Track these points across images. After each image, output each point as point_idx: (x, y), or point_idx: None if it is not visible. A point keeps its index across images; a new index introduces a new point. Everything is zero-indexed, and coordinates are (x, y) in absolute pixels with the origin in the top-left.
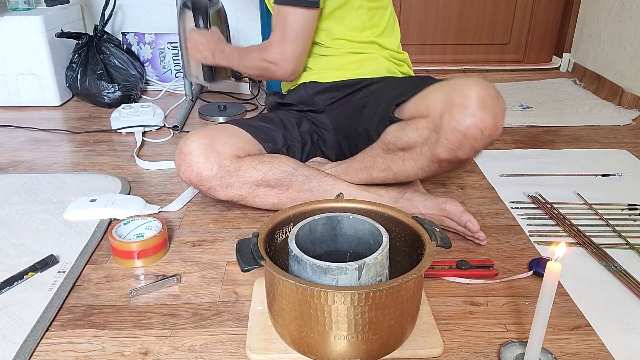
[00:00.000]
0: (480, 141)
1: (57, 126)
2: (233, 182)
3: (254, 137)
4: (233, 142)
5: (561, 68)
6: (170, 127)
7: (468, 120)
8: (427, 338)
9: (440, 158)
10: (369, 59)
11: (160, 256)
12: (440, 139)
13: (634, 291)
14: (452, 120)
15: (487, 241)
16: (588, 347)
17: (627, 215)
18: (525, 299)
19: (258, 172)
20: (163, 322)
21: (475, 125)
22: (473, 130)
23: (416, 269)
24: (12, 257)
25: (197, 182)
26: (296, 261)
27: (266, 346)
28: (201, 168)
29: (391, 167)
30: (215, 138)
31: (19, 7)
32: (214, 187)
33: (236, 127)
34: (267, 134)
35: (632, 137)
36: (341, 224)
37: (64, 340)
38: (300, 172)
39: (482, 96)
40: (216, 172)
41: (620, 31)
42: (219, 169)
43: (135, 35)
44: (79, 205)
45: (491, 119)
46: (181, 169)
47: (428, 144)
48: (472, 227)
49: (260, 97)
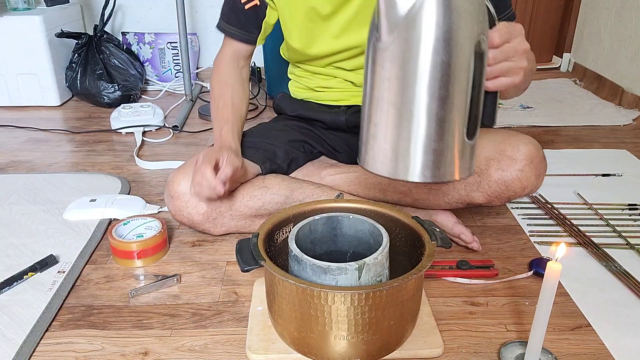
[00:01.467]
0: (518, 196)
1: (57, 126)
2: (226, 221)
3: (249, 159)
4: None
5: (561, 68)
6: (170, 127)
7: (515, 174)
8: (427, 338)
9: (475, 202)
10: None
11: (160, 256)
12: (482, 183)
13: (634, 291)
14: (499, 170)
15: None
16: (588, 347)
17: (627, 215)
18: (525, 299)
19: (250, 209)
20: (163, 322)
21: (520, 180)
22: (517, 184)
23: (416, 269)
24: (12, 257)
25: (189, 225)
26: (296, 261)
27: (266, 346)
28: (191, 212)
29: (413, 191)
30: None
31: (19, 7)
32: (208, 228)
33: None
34: (264, 151)
35: (632, 137)
36: (341, 224)
37: (63, 341)
38: (294, 198)
39: (533, 155)
40: (207, 216)
41: (621, 31)
42: (210, 212)
43: (135, 35)
44: (79, 205)
45: (535, 178)
46: (172, 212)
47: (465, 184)
48: (465, 238)
49: (260, 97)
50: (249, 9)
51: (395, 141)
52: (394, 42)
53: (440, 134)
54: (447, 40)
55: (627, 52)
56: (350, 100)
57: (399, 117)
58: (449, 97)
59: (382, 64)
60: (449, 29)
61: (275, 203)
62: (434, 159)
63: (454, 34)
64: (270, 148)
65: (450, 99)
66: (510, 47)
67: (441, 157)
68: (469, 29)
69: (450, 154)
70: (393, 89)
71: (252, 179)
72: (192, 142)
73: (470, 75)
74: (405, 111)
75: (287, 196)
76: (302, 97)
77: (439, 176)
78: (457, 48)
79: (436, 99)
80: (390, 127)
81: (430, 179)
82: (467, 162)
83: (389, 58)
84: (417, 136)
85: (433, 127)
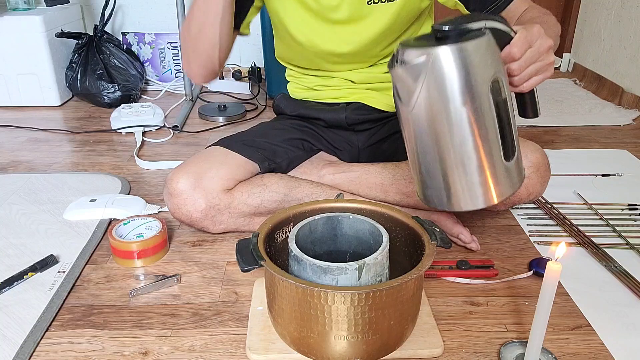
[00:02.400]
0: (522, 202)
1: (57, 126)
2: (225, 219)
3: (248, 158)
4: (221, 173)
5: (561, 68)
6: (170, 127)
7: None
8: (427, 338)
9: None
10: None
11: (160, 256)
12: None
13: (634, 291)
14: None
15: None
16: (588, 347)
17: (627, 215)
18: (525, 299)
19: (249, 207)
20: (163, 322)
21: (526, 187)
22: (523, 191)
23: (416, 269)
24: (12, 257)
25: (188, 223)
26: (296, 261)
27: (266, 346)
28: (190, 210)
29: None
30: (201, 174)
31: (19, 7)
32: (207, 226)
33: (226, 150)
34: (263, 150)
35: (632, 137)
36: (341, 224)
37: (64, 341)
38: (293, 196)
39: (539, 163)
40: (206, 213)
41: (621, 31)
42: (208, 210)
43: (135, 35)
44: (79, 205)
45: (540, 185)
46: (170, 209)
47: None
48: (464, 238)
49: (260, 97)
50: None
51: (445, 182)
52: (413, 108)
53: (481, 169)
54: (461, 96)
55: (627, 52)
56: (350, 98)
57: (442, 163)
58: (479, 137)
59: (411, 124)
60: (460, 88)
61: (273, 201)
62: (481, 188)
63: (465, 90)
64: (269, 147)
65: (479, 138)
66: (533, 51)
67: (487, 184)
68: (480, 78)
69: (495, 178)
70: (428, 142)
71: (251, 178)
72: (192, 142)
73: (493, 112)
74: (445, 158)
75: (286, 194)
76: (301, 97)
77: (491, 199)
78: (473, 98)
79: (467, 142)
80: (438, 172)
81: (484, 204)
82: (515, 176)
83: (414, 119)
84: (460, 175)
85: (473, 165)
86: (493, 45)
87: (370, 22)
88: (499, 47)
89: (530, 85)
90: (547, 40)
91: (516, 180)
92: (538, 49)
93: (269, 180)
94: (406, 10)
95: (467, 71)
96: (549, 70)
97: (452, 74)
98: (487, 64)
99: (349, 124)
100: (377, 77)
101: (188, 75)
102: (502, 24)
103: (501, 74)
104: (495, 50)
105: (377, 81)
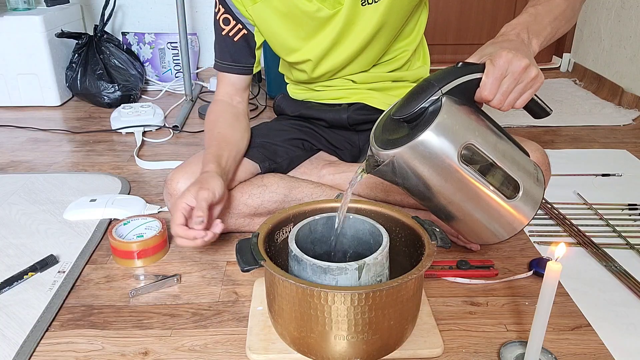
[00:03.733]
0: None
1: (57, 126)
2: (225, 219)
3: (248, 158)
4: None
5: (561, 68)
6: (170, 127)
7: None
8: (427, 338)
9: None
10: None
11: (160, 256)
12: None
13: (634, 291)
14: None
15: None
16: (588, 347)
17: (627, 215)
18: (525, 299)
19: (249, 208)
20: (163, 322)
21: None
22: None
23: (416, 269)
24: (12, 257)
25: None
26: (296, 261)
27: (266, 346)
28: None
29: None
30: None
31: (19, 7)
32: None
33: None
34: (264, 150)
35: (632, 137)
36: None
37: (64, 341)
38: (293, 196)
39: (540, 162)
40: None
41: (621, 31)
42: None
43: (135, 35)
44: (79, 205)
45: None
46: (170, 210)
47: None
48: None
49: (260, 97)
50: (238, 40)
51: (470, 226)
52: (406, 189)
53: (489, 216)
54: (433, 179)
55: (627, 52)
56: (351, 98)
57: (458, 217)
58: (471, 200)
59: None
60: (429, 174)
61: (274, 202)
62: (495, 227)
63: (433, 174)
64: (270, 147)
65: (472, 202)
66: (508, 80)
67: (499, 222)
68: (445, 158)
69: (505, 216)
70: (435, 207)
71: (251, 178)
72: (192, 142)
73: (474, 174)
74: (454, 218)
75: (286, 195)
76: (302, 98)
77: (510, 231)
78: (446, 176)
79: (466, 207)
80: (460, 222)
81: (506, 236)
82: (529, 206)
83: (411, 193)
84: (470, 228)
85: (479, 219)
86: (454, 114)
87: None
88: (472, 92)
89: (521, 104)
90: (521, 61)
91: (530, 208)
92: (512, 75)
93: (269, 180)
94: (397, 5)
95: (427, 161)
96: (536, 84)
97: (416, 167)
98: (448, 140)
99: (350, 124)
100: (379, 77)
101: None
102: (462, 74)
103: (471, 135)
104: (457, 117)
105: (378, 81)
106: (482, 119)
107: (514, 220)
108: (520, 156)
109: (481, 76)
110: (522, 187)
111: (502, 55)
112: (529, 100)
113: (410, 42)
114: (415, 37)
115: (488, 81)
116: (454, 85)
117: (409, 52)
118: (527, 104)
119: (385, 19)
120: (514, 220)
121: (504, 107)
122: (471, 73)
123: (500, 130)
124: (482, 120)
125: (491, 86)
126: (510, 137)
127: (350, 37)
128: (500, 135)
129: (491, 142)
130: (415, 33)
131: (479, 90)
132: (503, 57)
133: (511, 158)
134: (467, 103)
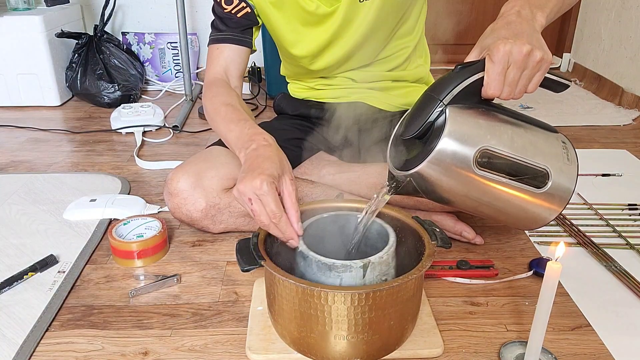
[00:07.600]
0: None
1: (57, 126)
2: (225, 218)
3: None
4: (222, 173)
5: (561, 68)
6: (170, 127)
7: None
8: (427, 338)
9: None
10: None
11: (160, 256)
12: None
13: (634, 291)
14: None
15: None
16: (588, 347)
17: (627, 215)
18: (525, 299)
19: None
20: (163, 322)
21: None
22: None
23: (416, 269)
24: (12, 257)
25: (188, 223)
26: (302, 257)
27: (266, 346)
28: (190, 209)
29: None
30: (201, 174)
31: (19, 7)
32: (207, 225)
33: (227, 150)
34: None
35: (632, 137)
36: (349, 223)
37: (64, 341)
38: None
39: None
40: (206, 213)
41: (621, 31)
42: (208, 209)
43: (135, 35)
44: (79, 205)
45: None
46: (171, 209)
47: None
48: (467, 235)
49: (260, 97)
50: (241, 16)
51: (509, 220)
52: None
53: (523, 209)
54: (454, 189)
55: (627, 52)
56: (351, 97)
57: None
58: (500, 200)
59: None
60: (448, 186)
61: None
62: (534, 215)
63: (452, 184)
64: None
65: (501, 201)
66: (511, 70)
67: (536, 211)
68: (459, 171)
69: (540, 204)
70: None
71: None
72: (192, 142)
73: (493, 176)
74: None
75: None
76: (302, 97)
77: (551, 214)
78: (465, 183)
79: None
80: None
81: (550, 218)
82: (563, 188)
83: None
84: (512, 216)
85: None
86: (460, 124)
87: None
88: (478, 91)
89: (533, 88)
90: (521, 47)
91: (565, 188)
92: (515, 64)
93: None
94: (390, 1)
95: (444, 175)
96: (543, 66)
97: (435, 182)
98: (460, 152)
99: (350, 124)
100: (378, 76)
101: None
102: (462, 79)
103: (483, 139)
104: (464, 126)
105: (378, 80)
106: (494, 115)
107: (551, 204)
108: (543, 141)
109: (483, 75)
110: (551, 173)
111: (500, 49)
112: (541, 82)
113: (410, 39)
114: (416, 34)
115: (490, 79)
116: (455, 93)
117: (409, 48)
118: (542, 83)
119: (381, 15)
120: (551, 204)
121: (516, 96)
122: (471, 75)
123: (517, 118)
124: (494, 119)
125: (495, 83)
126: (530, 120)
127: (349, 33)
128: (518, 124)
129: (507, 138)
130: (415, 30)
131: (484, 89)
132: (501, 50)
133: (533, 147)
134: (474, 105)
